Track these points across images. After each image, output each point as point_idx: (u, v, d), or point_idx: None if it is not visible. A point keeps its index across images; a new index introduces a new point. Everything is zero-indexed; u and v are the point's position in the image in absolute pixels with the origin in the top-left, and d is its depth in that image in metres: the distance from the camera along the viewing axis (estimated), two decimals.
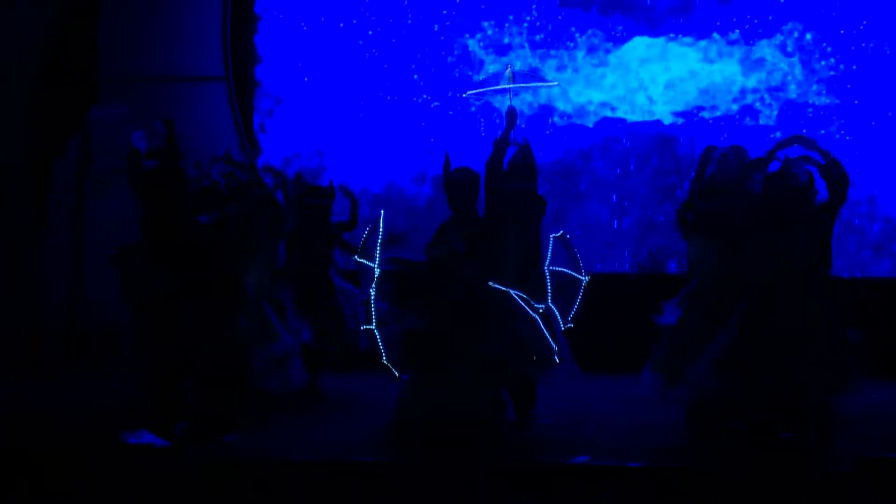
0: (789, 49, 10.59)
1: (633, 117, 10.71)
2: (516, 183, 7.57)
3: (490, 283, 7.01)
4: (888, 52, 10.49)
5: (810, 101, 10.57)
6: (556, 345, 7.21)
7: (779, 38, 10.61)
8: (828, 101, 10.57)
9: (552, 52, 10.66)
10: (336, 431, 7.45)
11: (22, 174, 10.36)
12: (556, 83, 8.60)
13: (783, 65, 10.58)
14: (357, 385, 8.94)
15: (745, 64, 10.62)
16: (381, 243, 7.18)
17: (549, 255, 7.46)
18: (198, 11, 10.82)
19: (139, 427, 6.93)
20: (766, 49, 10.61)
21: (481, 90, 8.34)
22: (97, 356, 9.58)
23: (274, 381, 7.92)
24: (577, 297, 7.61)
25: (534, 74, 8.23)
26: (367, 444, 6.89)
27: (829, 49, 10.58)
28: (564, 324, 7.53)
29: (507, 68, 7.92)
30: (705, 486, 6.11)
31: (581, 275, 7.62)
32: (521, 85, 7.98)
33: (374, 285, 7.14)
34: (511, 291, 7.08)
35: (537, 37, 10.74)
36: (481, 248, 7.03)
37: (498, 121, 10.78)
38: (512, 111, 7.58)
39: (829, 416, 6.78)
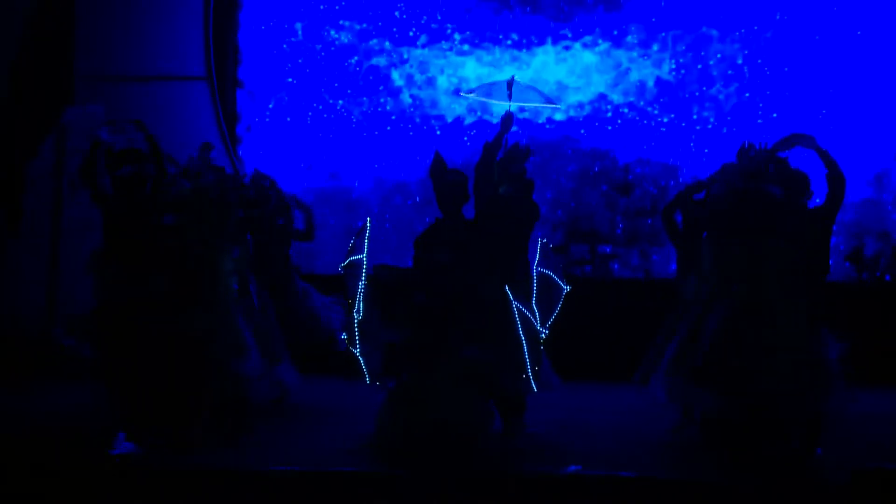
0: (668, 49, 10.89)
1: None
2: (506, 187, 7.53)
3: (480, 289, 6.94)
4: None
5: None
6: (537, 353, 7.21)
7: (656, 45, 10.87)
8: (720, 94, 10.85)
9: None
10: (319, 441, 7.37)
11: None
12: (559, 106, 8.53)
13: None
14: (341, 393, 8.87)
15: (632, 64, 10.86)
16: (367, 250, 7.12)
17: (538, 256, 7.41)
18: (176, 9, 10.82)
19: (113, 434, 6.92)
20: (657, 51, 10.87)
21: (481, 97, 8.35)
22: (74, 363, 9.48)
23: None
24: (558, 305, 7.52)
25: (536, 91, 8.21)
26: (350, 454, 6.80)
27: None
28: (542, 329, 7.46)
29: (511, 77, 7.93)
30: (697, 496, 6.07)
31: (563, 283, 7.55)
32: (521, 103, 8.05)
33: (359, 294, 7.04)
34: (504, 299, 7.02)
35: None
36: (469, 251, 6.95)
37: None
38: (508, 116, 7.52)
39: (812, 428, 6.74)
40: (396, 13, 10.96)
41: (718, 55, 10.83)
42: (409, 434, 6.77)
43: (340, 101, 11.01)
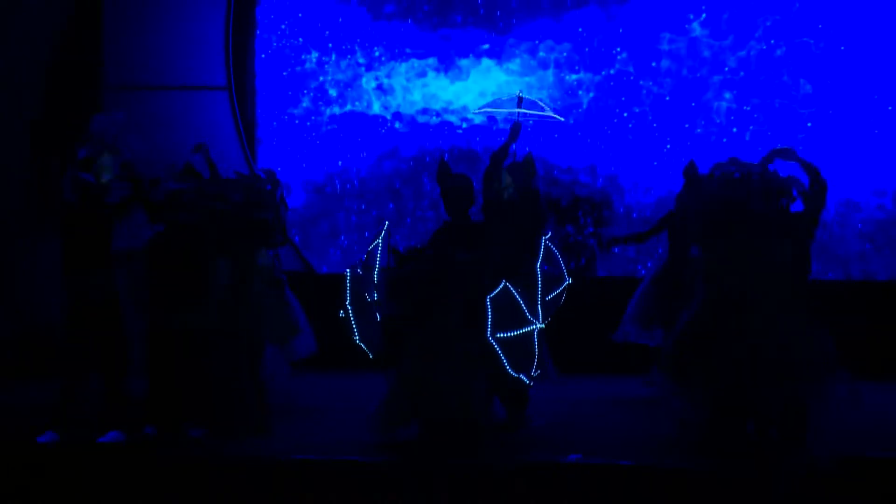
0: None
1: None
2: (512, 192, 7.68)
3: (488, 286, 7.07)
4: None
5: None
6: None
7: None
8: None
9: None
10: (327, 431, 7.54)
11: (26, 179, 10.49)
12: (562, 118, 8.76)
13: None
14: (348, 386, 9.03)
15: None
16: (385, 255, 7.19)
17: (541, 255, 7.49)
18: (200, 21, 11.02)
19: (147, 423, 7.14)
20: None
21: (492, 110, 8.52)
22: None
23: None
24: (562, 298, 7.64)
25: (542, 105, 8.43)
26: (358, 444, 6.93)
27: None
28: (544, 322, 7.52)
29: (518, 92, 8.11)
30: (694, 483, 6.19)
31: (565, 277, 7.65)
32: (528, 111, 8.14)
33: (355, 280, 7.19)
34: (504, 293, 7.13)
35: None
36: (474, 253, 7.09)
37: None
38: (516, 126, 7.69)
39: (798, 418, 6.86)
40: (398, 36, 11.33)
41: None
42: (413, 419, 6.90)
43: (349, 107, 11.30)
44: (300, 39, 11.33)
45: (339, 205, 11.32)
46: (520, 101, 8.03)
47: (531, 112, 8.23)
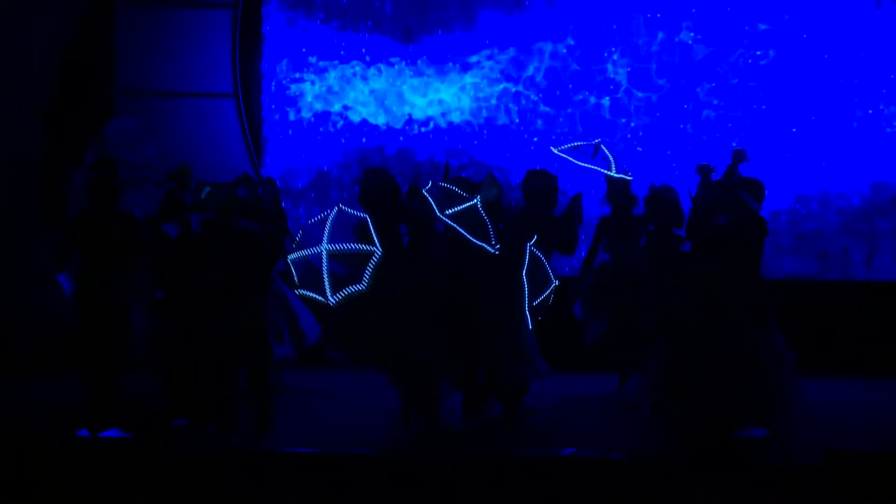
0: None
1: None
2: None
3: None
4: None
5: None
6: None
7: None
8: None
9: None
10: (325, 424, 7.75)
11: (40, 182, 10.65)
12: (630, 176, 8.86)
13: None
14: (347, 382, 9.01)
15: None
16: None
17: (526, 262, 7.66)
18: (208, 33, 11.25)
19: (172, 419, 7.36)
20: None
21: (569, 156, 8.60)
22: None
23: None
24: (549, 301, 7.80)
25: (610, 159, 8.52)
26: (359, 439, 7.09)
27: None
28: (532, 323, 7.74)
29: (597, 142, 8.22)
30: (685, 477, 6.28)
31: (551, 280, 7.82)
32: (597, 167, 8.31)
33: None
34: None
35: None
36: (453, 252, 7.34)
37: None
38: (577, 199, 7.77)
39: (763, 416, 7.09)
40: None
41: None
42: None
43: (349, 112, 11.58)
44: (303, 50, 11.58)
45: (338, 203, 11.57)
46: (596, 151, 8.14)
47: (602, 169, 8.28)
